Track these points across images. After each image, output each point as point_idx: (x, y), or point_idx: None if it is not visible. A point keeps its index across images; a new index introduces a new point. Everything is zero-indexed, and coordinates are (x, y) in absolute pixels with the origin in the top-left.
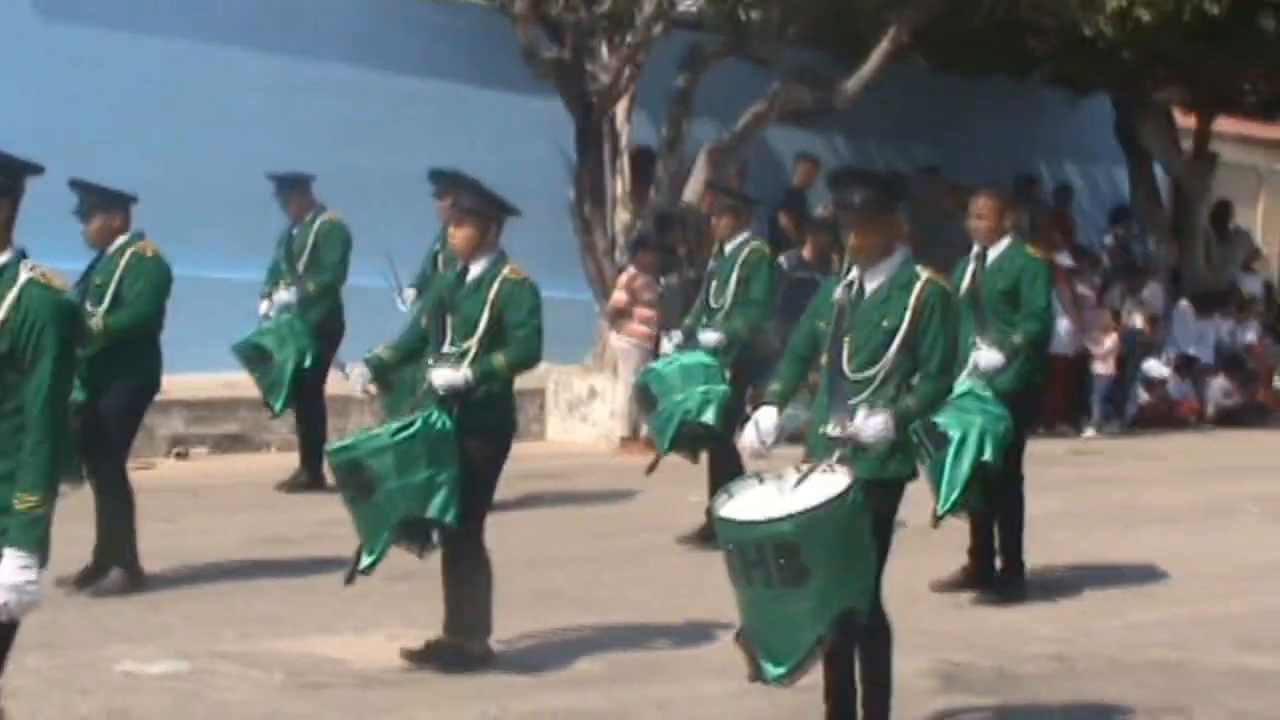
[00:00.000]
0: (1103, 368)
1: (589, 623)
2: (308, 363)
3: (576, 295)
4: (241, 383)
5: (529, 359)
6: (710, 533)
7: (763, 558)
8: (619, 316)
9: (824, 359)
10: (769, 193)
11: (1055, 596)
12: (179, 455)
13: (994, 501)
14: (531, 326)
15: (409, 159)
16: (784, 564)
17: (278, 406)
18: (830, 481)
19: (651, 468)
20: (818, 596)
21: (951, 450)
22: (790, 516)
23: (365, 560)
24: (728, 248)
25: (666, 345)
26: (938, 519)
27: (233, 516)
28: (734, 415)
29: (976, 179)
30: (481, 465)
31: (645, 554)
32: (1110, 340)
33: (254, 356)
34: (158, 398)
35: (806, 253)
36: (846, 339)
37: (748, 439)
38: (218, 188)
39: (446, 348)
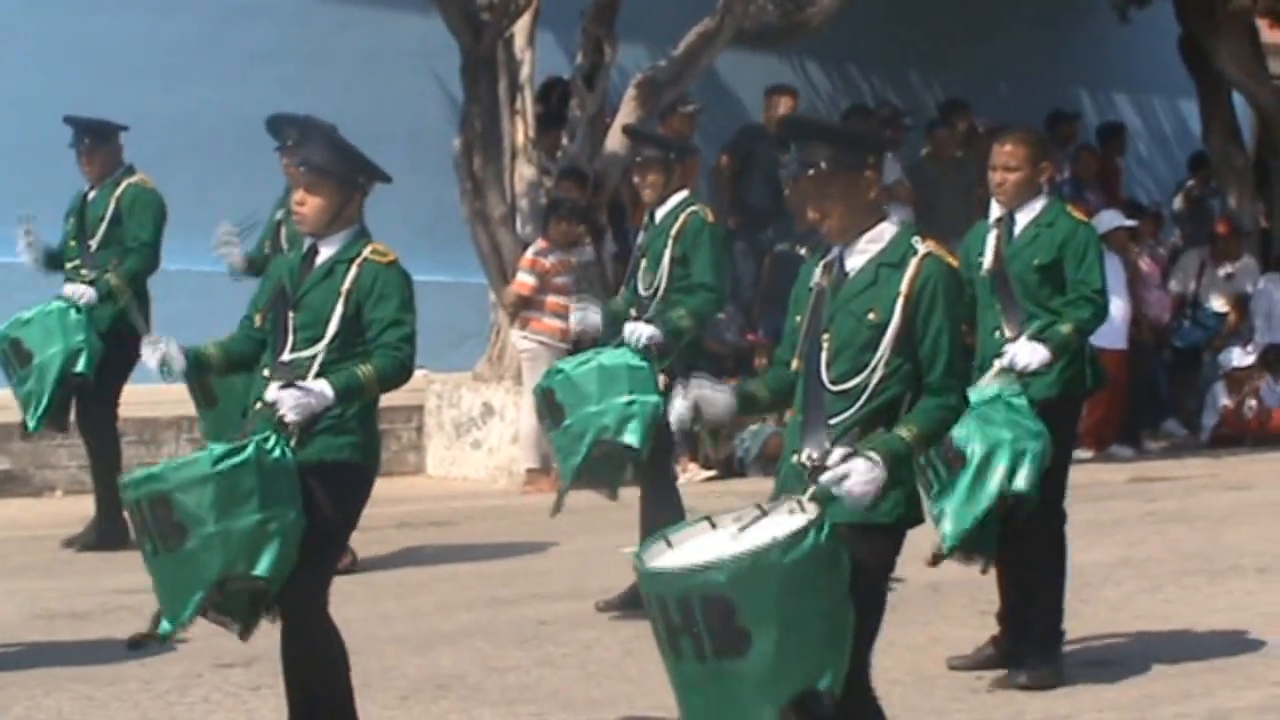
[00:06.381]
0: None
1: (489, 717)
2: (80, 366)
3: (465, 279)
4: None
5: (400, 371)
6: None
7: (690, 619)
8: (524, 307)
9: (796, 363)
10: (722, 139)
11: (1113, 675)
12: None
13: (1026, 548)
14: (402, 327)
15: (239, 98)
16: (716, 626)
17: (32, 423)
18: (788, 522)
19: (556, 507)
20: (764, 671)
21: (970, 473)
22: (722, 563)
23: (164, 627)
24: (659, 214)
25: (575, 317)
26: (937, 558)
27: (4, 584)
28: (667, 437)
29: (999, 117)
30: (331, 510)
31: (562, 627)
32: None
33: (9, 356)
34: None
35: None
36: (825, 337)
37: (674, 412)
38: None
39: (288, 354)
